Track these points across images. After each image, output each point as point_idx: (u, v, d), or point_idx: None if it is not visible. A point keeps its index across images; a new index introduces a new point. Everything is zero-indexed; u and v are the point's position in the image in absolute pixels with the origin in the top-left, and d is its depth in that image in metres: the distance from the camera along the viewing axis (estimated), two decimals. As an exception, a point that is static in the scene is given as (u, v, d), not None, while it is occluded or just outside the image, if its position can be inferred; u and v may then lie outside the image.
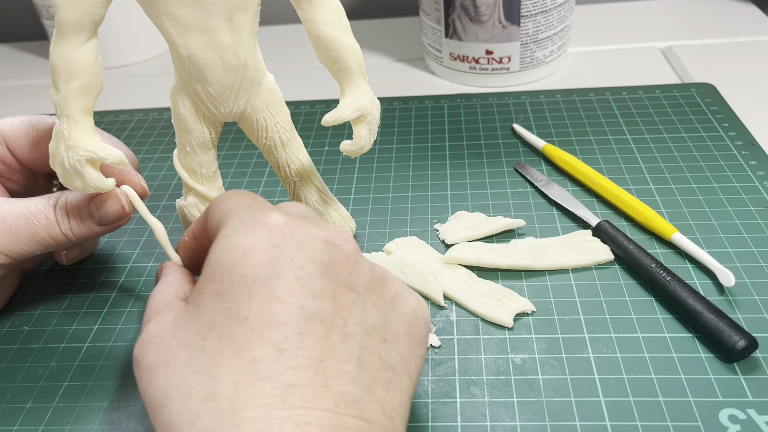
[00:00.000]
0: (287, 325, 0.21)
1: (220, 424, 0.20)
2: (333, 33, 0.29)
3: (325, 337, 0.21)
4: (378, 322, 0.23)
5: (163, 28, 0.27)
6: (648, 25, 0.65)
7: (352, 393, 0.21)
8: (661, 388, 0.29)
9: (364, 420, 0.21)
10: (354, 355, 0.22)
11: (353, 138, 0.30)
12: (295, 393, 0.20)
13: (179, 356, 0.22)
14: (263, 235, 0.22)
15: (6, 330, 0.35)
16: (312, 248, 0.22)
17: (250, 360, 0.20)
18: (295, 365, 0.20)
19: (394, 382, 0.22)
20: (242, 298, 0.21)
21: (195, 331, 0.22)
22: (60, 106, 0.26)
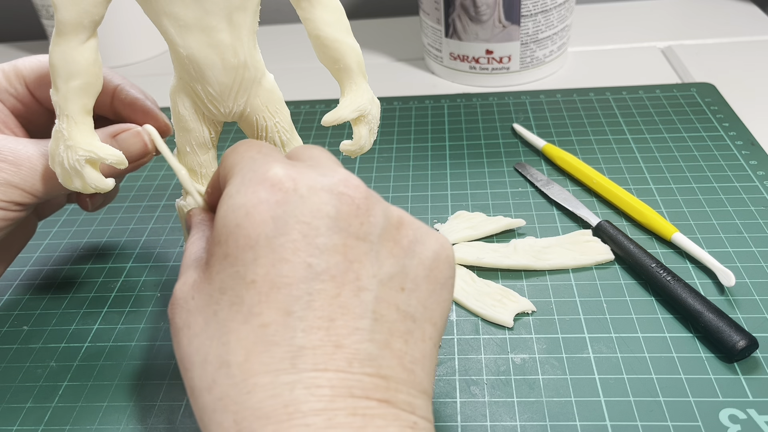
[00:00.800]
0: (294, 286, 0.20)
1: (233, 391, 0.20)
2: (333, 33, 0.29)
3: (335, 295, 0.21)
4: (394, 271, 0.22)
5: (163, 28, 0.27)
6: (648, 24, 0.65)
7: (366, 350, 0.20)
8: (662, 388, 0.29)
9: (381, 377, 0.20)
10: (368, 310, 0.21)
11: (353, 138, 0.30)
12: (306, 355, 0.20)
13: (198, 320, 0.22)
14: (265, 192, 0.22)
15: (6, 330, 0.35)
16: (317, 201, 0.21)
17: (258, 325, 0.20)
18: (304, 327, 0.20)
19: (415, 332, 0.22)
20: (248, 260, 0.21)
21: (209, 295, 0.22)
22: (59, 105, 0.26)
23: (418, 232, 0.23)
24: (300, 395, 0.19)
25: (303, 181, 0.22)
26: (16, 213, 0.31)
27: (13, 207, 0.31)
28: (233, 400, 0.20)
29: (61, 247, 0.41)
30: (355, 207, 0.22)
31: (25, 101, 0.34)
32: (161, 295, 0.37)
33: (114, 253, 0.40)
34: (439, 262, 0.23)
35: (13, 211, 0.31)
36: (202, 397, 0.20)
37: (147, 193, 0.45)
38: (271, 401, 0.19)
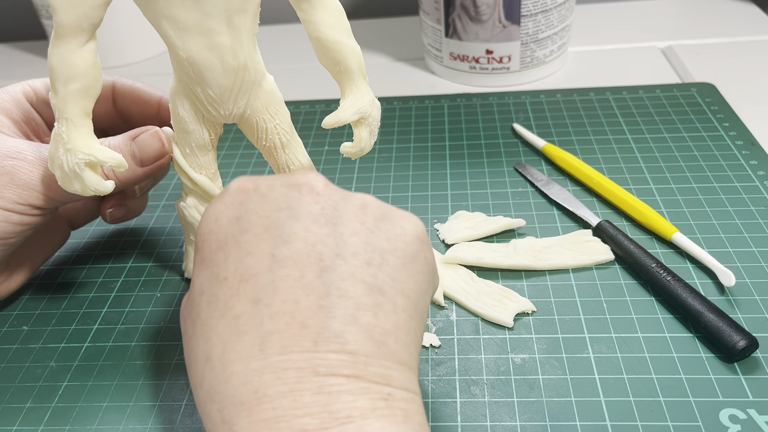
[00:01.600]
0: (260, 276, 0.21)
1: (215, 382, 0.21)
2: (334, 35, 0.29)
3: (299, 278, 0.21)
4: (358, 248, 0.22)
5: (162, 31, 0.27)
6: (648, 24, 0.65)
7: (331, 328, 0.20)
8: (662, 388, 0.29)
9: (347, 353, 0.20)
10: (333, 287, 0.21)
11: (353, 140, 0.30)
12: (273, 340, 0.20)
13: (188, 325, 0.23)
14: (229, 198, 0.24)
15: (5, 330, 0.35)
16: (275, 196, 0.23)
17: (232, 317, 0.21)
18: (271, 313, 0.21)
19: (384, 304, 0.22)
20: (220, 261, 0.22)
21: (192, 301, 0.23)
22: (59, 108, 0.26)
23: (383, 210, 0.24)
24: (267, 380, 0.20)
25: (263, 181, 0.24)
26: (32, 218, 0.31)
27: (30, 211, 0.31)
28: (216, 391, 0.21)
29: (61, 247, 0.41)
30: (315, 195, 0.23)
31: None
32: (161, 295, 0.37)
33: (114, 253, 0.40)
34: (407, 236, 0.24)
35: (30, 215, 0.31)
36: (196, 393, 0.22)
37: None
38: (244, 388, 0.20)
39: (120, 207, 0.36)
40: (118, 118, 0.37)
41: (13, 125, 0.33)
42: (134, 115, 0.36)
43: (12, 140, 0.31)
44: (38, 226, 0.33)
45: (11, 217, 0.31)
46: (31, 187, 0.31)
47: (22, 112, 0.34)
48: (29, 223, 0.32)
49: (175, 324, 0.35)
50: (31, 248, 0.36)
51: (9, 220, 0.31)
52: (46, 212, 0.32)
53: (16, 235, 0.31)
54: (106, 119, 0.36)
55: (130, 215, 0.38)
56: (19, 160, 0.30)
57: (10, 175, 0.30)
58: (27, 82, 0.35)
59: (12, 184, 0.30)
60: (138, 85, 0.36)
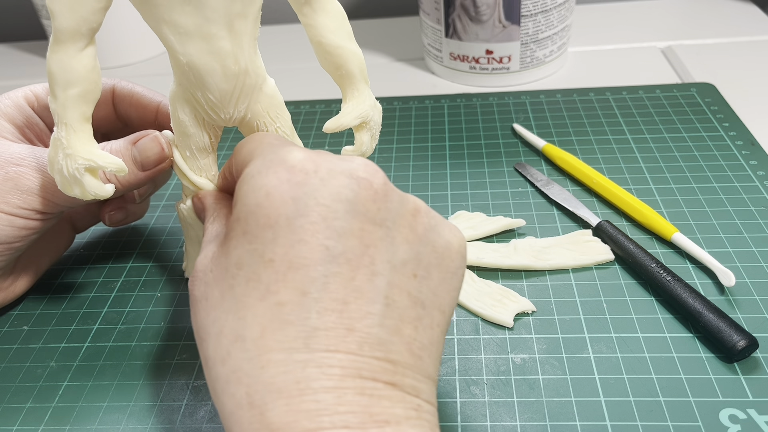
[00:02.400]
0: (312, 267, 0.21)
1: (247, 365, 0.20)
2: (335, 39, 0.28)
3: (350, 278, 0.21)
4: (408, 257, 0.22)
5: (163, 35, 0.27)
6: (648, 24, 0.65)
7: (376, 335, 0.21)
8: (662, 388, 0.29)
9: (389, 361, 0.21)
10: (381, 295, 0.21)
11: (355, 144, 0.30)
12: (319, 336, 0.20)
13: (214, 293, 0.22)
14: (285, 173, 0.22)
15: (6, 330, 0.35)
16: (336, 184, 0.22)
17: (275, 303, 0.21)
18: (319, 309, 0.20)
19: (424, 318, 0.22)
20: (267, 239, 0.21)
21: (225, 269, 0.22)
22: (58, 113, 0.26)
23: (432, 220, 0.24)
24: (312, 373, 0.20)
25: (323, 164, 0.22)
26: (36, 222, 0.32)
27: (35, 216, 0.31)
28: (246, 374, 0.20)
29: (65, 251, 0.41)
30: (372, 192, 0.22)
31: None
32: (161, 295, 0.37)
33: (114, 253, 0.40)
34: (451, 251, 0.24)
35: (35, 220, 0.31)
36: (215, 368, 0.21)
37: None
38: (284, 377, 0.20)
39: (120, 210, 0.37)
40: (119, 121, 0.37)
41: (15, 130, 0.33)
42: (133, 119, 0.36)
43: (15, 146, 0.31)
44: (43, 230, 0.33)
45: (16, 221, 0.31)
46: (35, 193, 0.31)
47: (24, 117, 0.34)
48: (34, 228, 0.32)
49: (175, 324, 0.35)
50: (35, 253, 0.36)
51: (14, 225, 0.31)
52: (50, 217, 0.32)
53: (21, 239, 0.32)
54: (107, 123, 0.36)
55: (130, 219, 0.38)
56: (23, 167, 0.31)
57: (14, 181, 0.30)
58: (29, 87, 0.35)
59: (16, 189, 0.30)
60: (137, 89, 0.36)
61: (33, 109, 0.34)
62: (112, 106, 0.36)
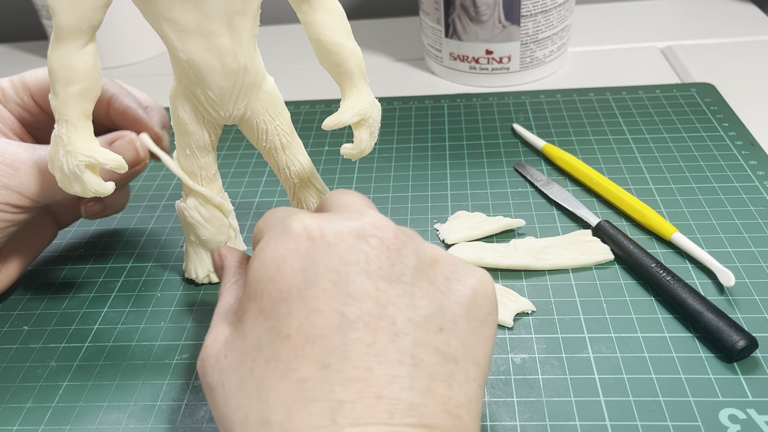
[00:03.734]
0: (329, 337, 0.20)
1: None
2: (334, 37, 0.29)
3: (371, 342, 0.20)
4: (430, 311, 0.21)
5: (163, 33, 0.27)
6: (648, 24, 0.65)
7: (407, 399, 0.19)
8: (661, 388, 0.29)
9: (424, 426, 0.19)
10: (407, 355, 0.20)
11: (354, 141, 0.30)
12: (345, 410, 0.19)
13: (233, 379, 0.21)
14: (293, 243, 0.21)
15: (6, 330, 0.35)
16: (344, 247, 0.21)
17: (296, 381, 0.20)
18: (342, 380, 0.19)
19: (457, 374, 0.21)
20: (282, 314, 0.21)
21: (243, 353, 0.21)
22: (59, 110, 0.26)
23: (454, 268, 0.23)
24: None
25: (329, 227, 0.22)
26: (13, 215, 0.32)
27: (10, 209, 0.31)
28: None
29: (61, 247, 0.41)
30: (385, 248, 0.22)
31: (32, 111, 0.35)
32: (161, 295, 0.37)
33: (114, 253, 0.40)
34: (478, 298, 0.23)
35: (11, 213, 0.31)
36: None
37: (147, 193, 0.45)
38: None
39: (97, 203, 0.36)
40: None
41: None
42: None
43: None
44: (22, 223, 0.33)
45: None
46: (11, 188, 0.31)
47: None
48: (11, 221, 0.32)
49: (175, 324, 0.35)
50: (17, 247, 0.36)
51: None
52: (27, 210, 0.32)
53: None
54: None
55: (109, 211, 0.37)
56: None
57: None
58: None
59: None
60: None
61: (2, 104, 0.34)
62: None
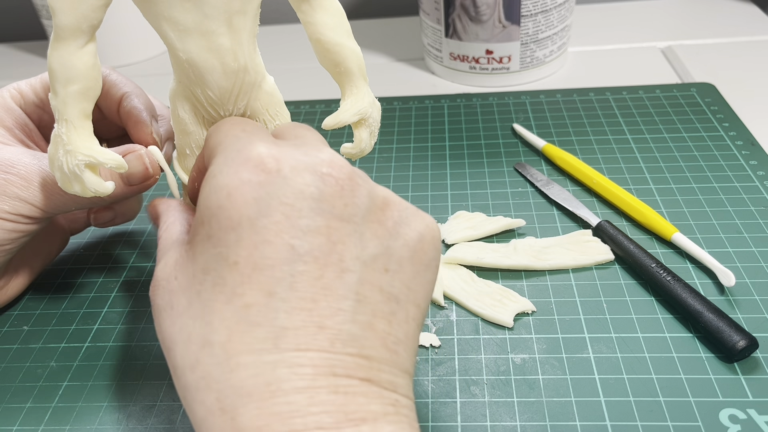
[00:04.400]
0: (277, 268, 0.20)
1: (216, 370, 0.20)
2: (334, 36, 0.28)
3: (318, 276, 0.21)
4: (378, 252, 0.22)
5: (162, 32, 0.27)
6: (648, 24, 0.65)
7: (348, 331, 0.20)
8: (662, 388, 0.29)
9: (363, 357, 0.20)
10: (351, 291, 0.21)
11: (353, 141, 0.30)
12: (288, 336, 0.20)
13: (180, 300, 0.22)
14: (247, 173, 0.21)
15: (6, 330, 0.35)
16: (300, 182, 0.21)
17: (241, 306, 0.20)
18: (287, 308, 0.20)
19: (398, 313, 0.22)
20: (231, 242, 0.21)
21: (192, 275, 0.22)
22: (58, 110, 0.26)
23: (404, 212, 0.23)
24: (282, 374, 0.19)
25: (286, 161, 0.22)
26: (25, 226, 0.32)
27: (23, 220, 0.31)
28: (215, 379, 0.20)
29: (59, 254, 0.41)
30: (339, 188, 0.22)
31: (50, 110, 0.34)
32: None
33: (114, 253, 0.40)
34: (424, 244, 0.23)
35: (23, 224, 0.31)
36: (185, 376, 0.21)
37: (147, 193, 0.45)
38: (254, 380, 0.19)
39: (107, 211, 0.36)
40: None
41: (6, 132, 0.33)
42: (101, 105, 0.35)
43: (7, 149, 0.31)
44: (33, 233, 0.33)
45: (4, 225, 0.31)
46: (24, 199, 0.31)
47: (13, 119, 0.33)
48: (23, 231, 0.32)
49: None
50: (28, 255, 0.36)
51: (2, 228, 0.31)
52: (39, 221, 0.32)
53: (10, 242, 0.32)
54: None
55: (119, 220, 0.37)
56: (11, 174, 0.30)
57: (2, 188, 0.30)
58: (12, 85, 0.34)
59: (4, 194, 0.30)
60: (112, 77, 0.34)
61: (21, 107, 0.34)
62: None
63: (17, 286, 0.36)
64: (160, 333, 0.22)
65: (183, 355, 0.21)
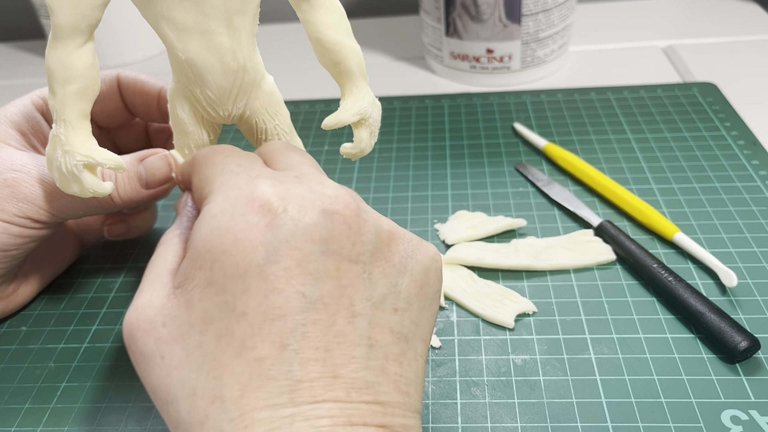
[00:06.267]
0: (289, 318, 0.20)
1: (229, 426, 0.19)
2: (334, 36, 0.28)
3: (330, 324, 0.20)
4: (386, 291, 0.22)
5: (161, 32, 0.27)
6: (650, 23, 0.65)
7: (363, 378, 0.20)
8: (663, 389, 0.28)
9: (378, 403, 0.20)
10: (363, 337, 0.21)
11: (354, 141, 0.30)
12: (303, 389, 0.19)
13: (174, 351, 0.21)
14: (253, 215, 0.21)
15: (4, 330, 0.35)
16: (308, 223, 0.21)
17: (253, 359, 0.20)
18: (300, 359, 0.20)
19: (408, 352, 0.22)
20: (237, 291, 0.20)
21: (188, 324, 0.21)
22: (57, 110, 0.26)
23: (408, 245, 0.23)
24: (300, 427, 0.19)
25: (292, 200, 0.21)
26: (33, 231, 0.31)
27: (30, 224, 0.31)
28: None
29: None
30: (346, 226, 0.21)
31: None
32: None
33: (113, 253, 0.40)
34: (429, 277, 0.23)
35: (30, 228, 0.31)
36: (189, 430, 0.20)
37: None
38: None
39: (121, 223, 0.36)
40: (127, 111, 0.36)
41: (21, 137, 0.33)
42: (138, 107, 0.36)
43: (18, 153, 0.31)
44: (41, 239, 0.32)
45: (11, 229, 0.30)
46: (32, 201, 0.30)
47: (30, 125, 0.33)
48: (30, 236, 0.31)
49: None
50: (38, 263, 0.36)
51: (9, 232, 0.30)
52: (47, 226, 0.32)
53: (17, 247, 0.31)
54: (117, 114, 0.36)
55: (133, 233, 0.37)
56: (22, 173, 0.30)
57: (12, 189, 0.30)
58: (37, 91, 0.34)
59: (13, 197, 0.30)
60: (140, 76, 0.35)
61: (42, 114, 0.34)
62: (120, 96, 0.35)
63: (26, 293, 0.35)
64: (149, 383, 0.21)
65: (189, 410, 0.20)
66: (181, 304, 0.21)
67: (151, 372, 0.21)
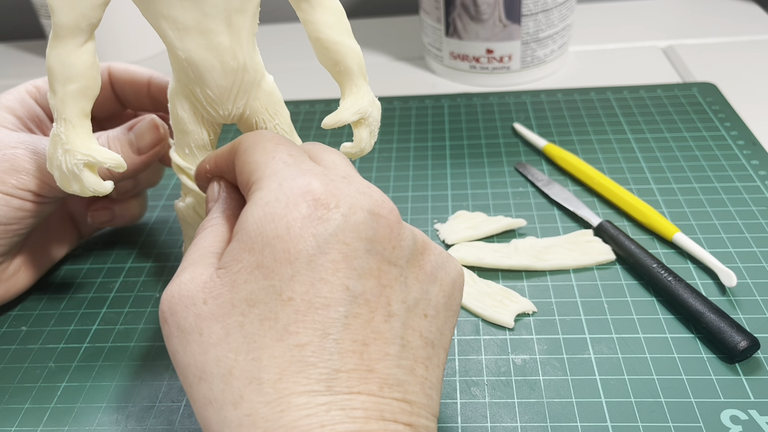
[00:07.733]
0: (332, 308, 0.20)
1: (265, 408, 0.19)
2: (333, 35, 0.28)
3: (369, 319, 0.21)
4: (419, 296, 0.23)
5: (161, 31, 0.27)
6: (649, 24, 0.65)
7: (395, 375, 0.21)
8: (663, 389, 0.28)
9: (407, 402, 0.21)
10: (397, 336, 0.21)
11: (353, 140, 0.30)
12: (341, 378, 0.20)
13: (213, 329, 0.21)
14: (307, 207, 0.21)
15: (4, 330, 0.35)
16: (357, 221, 0.21)
17: (295, 344, 0.20)
18: (340, 350, 0.20)
19: (433, 358, 0.22)
20: (285, 276, 0.20)
21: (231, 304, 0.21)
22: (57, 109, 0.26)
23: (439, 257, 0.24)
24: (336, 416, 0.19)
25: (344, 198, 0.22)
26: (33, 204, 0.32)
27: (31, 197, 0.32)
28: (264, 418, 0.19)
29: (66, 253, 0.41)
30: (389, 230, 0.22)
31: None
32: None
33: (113, 253, 0.40)
34: (455, 290, 0.24)
35: (31, 202, 0.32)
36: (224, 411, 0.20)
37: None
38: (307, 420, 0.19)
39: (105, 210, 0.36)
40: (118, 102, 0.37)
41: (17, 121, 0.34)
42: (129, 96, 0.37)
43: (15, 133, 0.32)
44: (41, 215, 0.33)
45: (12, 201, 0.31)
46: (32, 174, 0.31)
47: (26, 110, 0.34)
48: (30, 210, 0.32)
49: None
50: (37, 248, 0.36)
51: (10, 205, 0.31)
52: (47, 200, 0.32)
53: (17, 221, 0.32)
54: (107, 105, 0.37)
55: (118, 221, 0.38)
56: (21, 149, 0.31)
57: (11, 162, 0.31)
58: (30, 82, 0.35)
59: (12, 169, 0.31)
60: (131, 68, 0.36)
61: (36, 101, 0.35)
62: (110, 87, 0.36)
63: (25, 279, 0.36)
64: (183, 358, 0.21)
65: (223, 389, 0.20)
66: (225, 284, 0.21)
67: (186, 347, 0.21)
